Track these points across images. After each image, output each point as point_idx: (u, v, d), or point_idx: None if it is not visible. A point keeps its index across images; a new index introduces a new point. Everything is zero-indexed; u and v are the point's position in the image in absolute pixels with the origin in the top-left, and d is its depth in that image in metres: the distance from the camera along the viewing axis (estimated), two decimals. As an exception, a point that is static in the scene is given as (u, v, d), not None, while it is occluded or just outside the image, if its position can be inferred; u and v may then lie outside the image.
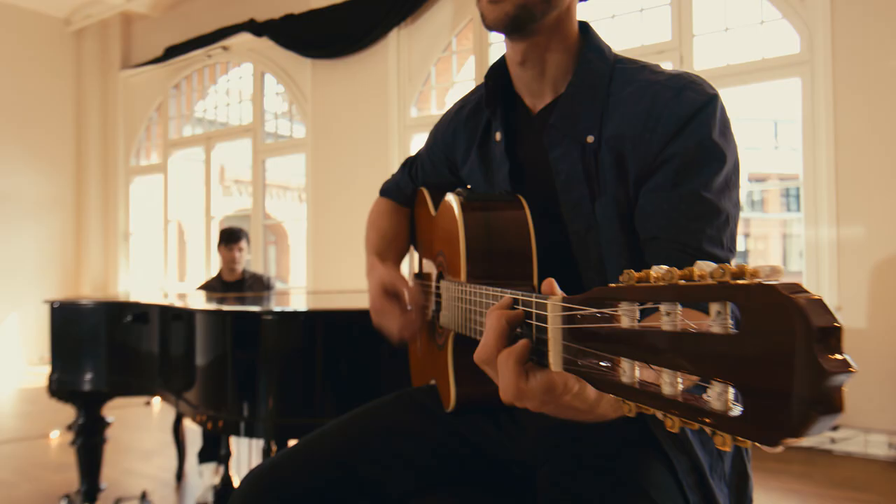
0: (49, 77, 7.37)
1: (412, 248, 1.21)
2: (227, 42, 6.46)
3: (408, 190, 1.19)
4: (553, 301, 0.48)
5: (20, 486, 3.22)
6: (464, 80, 5.17)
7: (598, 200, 0.84)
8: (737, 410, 0.31)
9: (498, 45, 4.92)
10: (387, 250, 1.13)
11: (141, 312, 2.12)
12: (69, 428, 2.55)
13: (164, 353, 2.01)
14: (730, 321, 0.32)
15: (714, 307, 0.32)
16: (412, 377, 1.15)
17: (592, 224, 0.84)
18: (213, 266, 6.77)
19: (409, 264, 1.34)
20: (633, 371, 0.39)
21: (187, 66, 6.93)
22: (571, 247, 0.86)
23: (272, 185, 13.39)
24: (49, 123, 7.36)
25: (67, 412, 3.16)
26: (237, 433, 1.74)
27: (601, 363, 0.42)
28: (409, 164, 1.21)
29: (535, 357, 0.51)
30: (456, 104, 1.10)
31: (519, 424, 0.90)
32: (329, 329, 1.69)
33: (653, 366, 0.36)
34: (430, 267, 1.03)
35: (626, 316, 0.39)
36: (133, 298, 2.36)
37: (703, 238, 0.77)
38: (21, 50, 7.15)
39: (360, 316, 1.80)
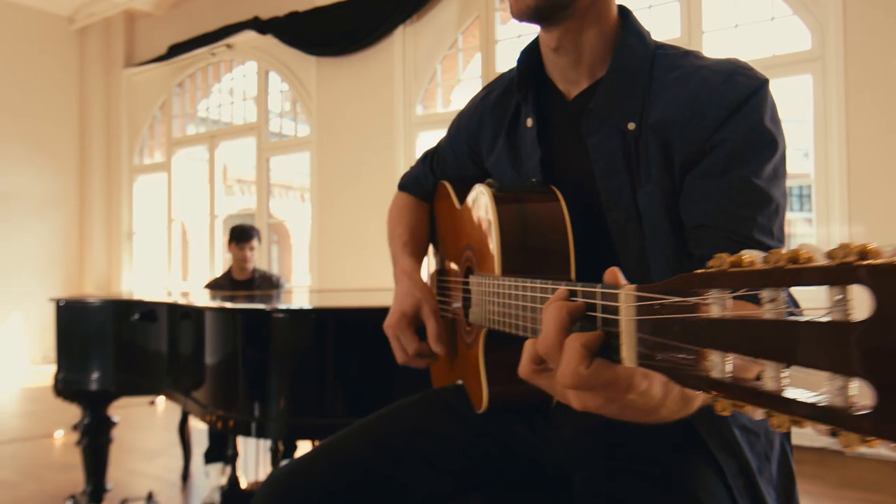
0: (53, 75, 7.34)
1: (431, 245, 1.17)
2: (231, 40, 6.43)
3: (428, 184, 1.15)
4: (626, 291, 0.45)
5: (24, 486, 3.19)
6: (470, 77, 5.14)
7: (640, 189, 0.81)
8: (862, 406, 0.28)
9: (505, 43, 4.88)
10: (416, 249, 1.08)
11: (148, 310, 2.08)
12: (75, 428, 2.52)
13: (173, 351, 1.97)
14: (850, 308, 0.28)
15: (833, 292, 0.29)
16: (433, 378, 1.11)
17: (633, 213, 0.81)
18: (216, 265, 6.73)
19: (426, 262, 1.31)
20: (723, 365, 0.35)
21: (191, 65, 6.90)
22: (611, 237, 0.82)
23: (275, 184, 13.36)
24: (52, 121, 7.33)
25: (72, 412, 3.13)
26: (248, 433, 1.70)
27: (684, 356, 0.38)
28: (429, 157, 1.17)
29: (604, 352, 0.47)
30: (481, 91, 1.06)
31: (554, 425, 0.87)
32: (341, 327, 1.65)
33: (759, 359, 0.32)
34: (452, 263, 0.99)
35: (717, 304, 0.35)
36: (139, 296, 2.33)
37: (753, 226, 0.74)
38: (25, 48, 7.12)
39: (373, 314, 1.77)
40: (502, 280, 0.68)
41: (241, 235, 3.49)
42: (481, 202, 0.81)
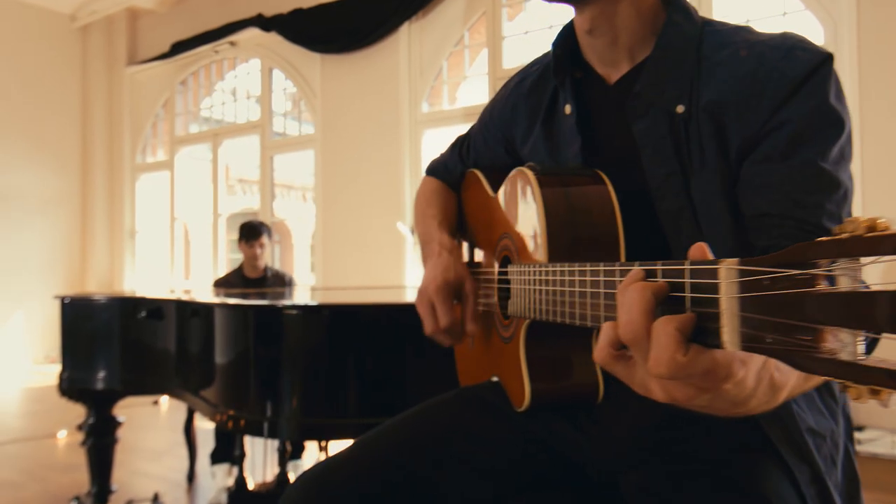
0: (55, 73, 7.30)
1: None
2: (235, 37, 6.38)
3: (456, 172, 1.10)
4: (727, 266, 0.40)
5: (28, 486, 3.15)
6: (476, 74, 5.09)
7: (693, 177, 0.76)
8: None
9: (512, 39, 4.84)
10: (451, 228, 1.03)
11: (156, 308, 2.03)
12: (79, 428, 2.47)
13: (181, 350, 1.93)
14: None
15: None
16: (461, 376, 1.06)
17: (686, 203, 0.76)
18: (220, 264, 6.69)
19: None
20: (855, 345, 0.31)
21: (194, 62, 6.86)
22: (662, 229, 0.77)
23: (276, 183, 13.32)
24: (55, 120, 7.29)
25: (75, 411, 3.09)
26: (260, 433, 1.66)
27: (802, 337, 0.33)
28: (459, 144, 1.11)
29: (699, 336, 0.42)
30: (514, 77, 1.01)
31: (601, 424, 0.81)
32: (354, 324, 1.61)
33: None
34: (484, 254, 0.94)
35: (847, 276, 0.31)
36: (146, 294, 2.29)
37: (823, 214, 0.68)
38: (27, 46, 7.08)
39: (386, 311, 1.72)
40: (553, 267, 0.63)
41: (250, 233, 3.42)
42: (523, 187, 0.76)
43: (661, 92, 0.77)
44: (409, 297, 2.47)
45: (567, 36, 0.88)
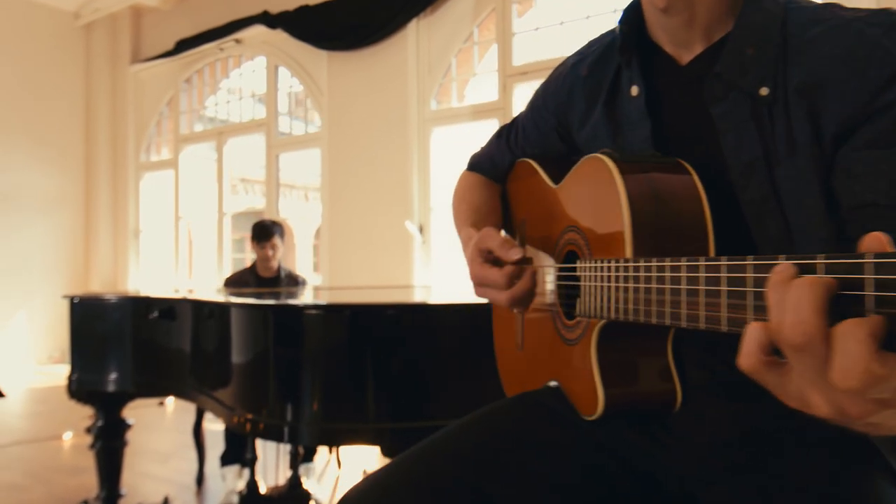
0: (58, 71, 7.25)
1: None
2: (240, 35, 6.32)
3: (504, 163, 1.03)
4: None
5: (33, 489, 3.09)
6: (486, 71, 5.03)
7: (780, 163, 0.69)
8: None
9: (522, 36, 4.77)
10: (482, 222, 0.97)
11: (169, 308, 1.97)
12: (88, 430, 2.41)
13: (196, 351, 1.86)
14: None
15: None
16: (506, 382, 0.99)
17: (770, 193, 0.70)
18: (225, 264, 6.63)
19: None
20: None
21: (199, 60, 6.80)
22: (744, 219, 0.71)
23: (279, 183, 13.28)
24: (58, 118, 7.24)
25: (80, 413, 3.03)
26: (280, 438, 1.60)
27: None
28: (505, 134, 1.04)
29: (891, 343, 0.36)
30: (570, 58, 0.95)
31: (678, 434, 0.75)
32: (378, 325, 1.55)
33: None
34: (541, 249, 0.87)
35: None
36: (158, 293, 2.22)
37: None
38: (30, 44, 7.03)
39: (411, 311, 1.66)
40: (655, 262, 0.56)
41: (261, 234, 3.35)
42: (598, 175, 0.70)
43: (744, 73, 0.71)
44: (424, 296, 2.41)
45: (634, 13, 0.81)
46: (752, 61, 0.71)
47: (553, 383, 0.82)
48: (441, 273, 5.09)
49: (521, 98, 4.80)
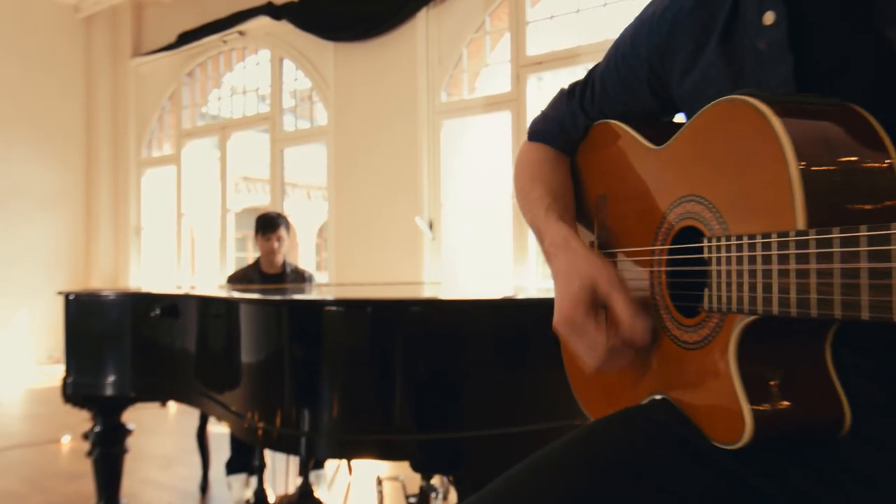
0: (58, 65, 7.10)
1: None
2: (244, 27, 6.17)
3: (578, 128, 0.84)
4: None
5: (30, 497, 2.94)
6: (498, 62, 4.86)
7: None
8: None
9: (536, 25, 4.61)
10: (566, 211, 0.79)
11: (172, 305, 1.82)
12: (85, 437, 2.26)
13: (203, 353, 1.71)
14: None
15: None
16: (584, 395, 0.80)
17: None
18: (228, 261, 6.48)
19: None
20: None
21: (201, 53, 6.65)
22: None
23: (268, 181, 13.05)
24: (58, 113, 7.09)
25: (79, 415, 2.87)
26: (296, 450, 1.44)
27: None
28: (578, 93, 0.85)
29: None
30: None
31: (857, 473, 0.58)
32: (405, 322, 1.39)
33: None
34: (636, 229, 0.70)
35: None
36: (160, 290, 2.06)
37: None
38: (29, 37, 6.89)
39: (443, 307, 1.50)
40: (847, 233, 0.40)
41: (266, 225, 3.18)
42: (740, 121, 0.52)
43: None
44: (440, 292, 2.25)
45: None
46: None
47: (657, 396, 0.66)
48: (452, 270, 4.93)
49: (536, 89, 4.64)
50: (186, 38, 6.59)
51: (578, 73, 4.96)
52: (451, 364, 1.40)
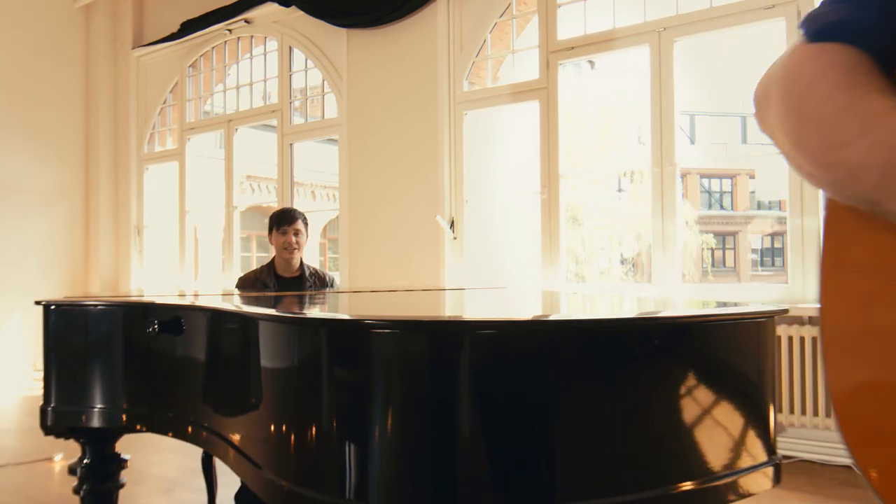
0: (56, 57, 6.79)
1: None
2: (250, 14, 5.84)
3: (880, 41, 0.51)
4: None
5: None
6: (524, 47, 4.52)
7: None
8: None
9: (568, 7, 4.26)
10: None
11: (172, 319, 1.47)
12: (72, 471, 1.92)
13: (211, 381, 1.37)
14: None
15: None
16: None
17: None
18: (235, 263, 6.15)
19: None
20: None
21: (206, 43, 6.32)
22: None
23: (273, 179, 12.65)
24: (56, 107, 6.78)
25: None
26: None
27: None
28: None
29: None
30: None
31: None
32: (490, 353, 1.04)
33: None
34: None
35: None
36: (158, 298, 1.72)
37: None
38: (26, 28, 6.58)
39: (533, 331, 1.15)
40: None
41: (282, 217, 2.81)
42: None
43: None
44: (529, 309, 1.90)
45: None
46: None
47: None
48: (474, 272, 4.58)
49: (567, 77, 4.29)
50: (190, 26, 6.27)
51: (614, 58, 4.61)
52: (550, 410, 1.05)
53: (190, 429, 1.42)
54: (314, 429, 1.08)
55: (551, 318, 1.28)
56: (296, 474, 1.09)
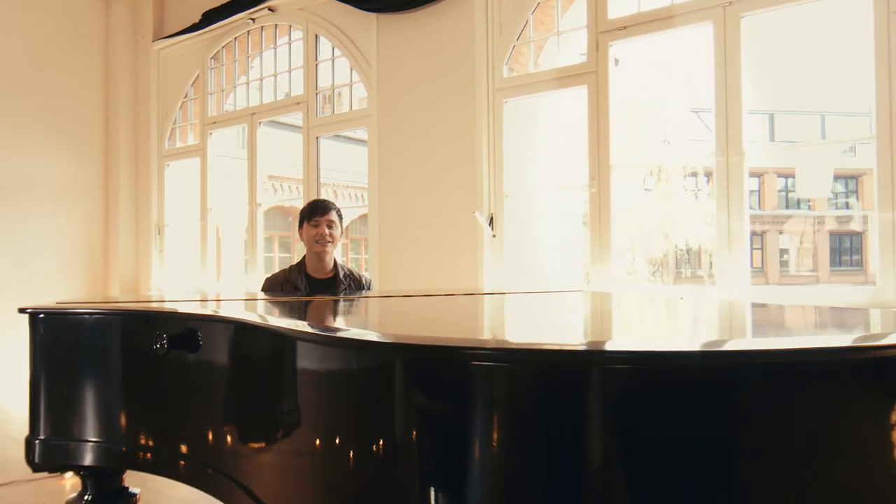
0: (75, 48, 6.58)
1: None
2: (274, 2, 5.56)
3: None
4: None
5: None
6: (570, 29, 4.16)
7: None
8: None
9: (619, -17, 3.90)
10: None
11: (186, 331, 1.15)
12: (70, 510, 1.62)
13: (234, 416, 1.04)
14: None
15: None
16: None
17: None
18: (259, 262, 5.87)
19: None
20: None
21: (227, 34, 6.05)
22: None
23: (295, 179, 12.32)
24: (75, 101, 6.57)
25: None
26: None
27: None
28: None
29: None
30: None
31: None
32: (639, 396, 0.71)
33: None
34: None
35: None
36: (169, 305, 1.40)
37: None
38: (43, 20, 6.37)
39: (709, 361, 0.81)
40: None
41: (314, 208, 2.48)
42: None
43: None
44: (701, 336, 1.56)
45: None
46: None
47: None
48: (515, 273, 4.24)
49: (621, 58, 3.94)
50: (212, 16, 6.01)
51: (672, 37, 4.16)
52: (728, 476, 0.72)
53: (211, 478, 1.10)
54: (390, 487, 0.75)
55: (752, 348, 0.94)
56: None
